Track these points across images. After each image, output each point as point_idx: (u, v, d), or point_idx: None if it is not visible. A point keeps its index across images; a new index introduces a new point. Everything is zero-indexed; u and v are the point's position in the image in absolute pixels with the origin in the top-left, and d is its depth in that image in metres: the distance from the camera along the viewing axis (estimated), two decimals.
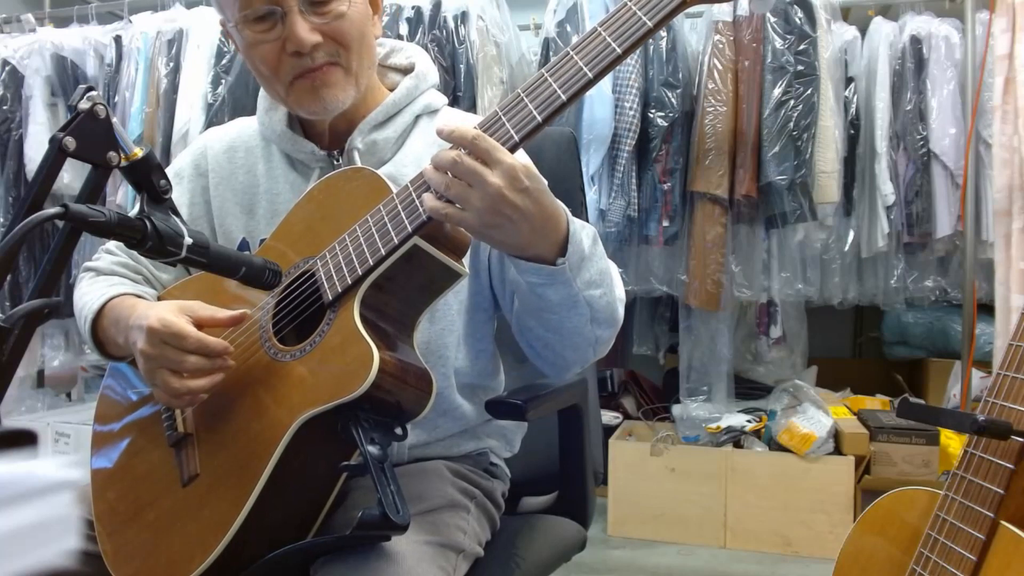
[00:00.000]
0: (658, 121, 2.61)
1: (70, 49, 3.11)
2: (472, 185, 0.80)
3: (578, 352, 0.98)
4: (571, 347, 0.97)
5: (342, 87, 1.02)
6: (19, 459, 0.48)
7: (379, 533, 0.80)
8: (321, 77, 1.00)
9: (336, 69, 1.01)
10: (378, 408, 0.82)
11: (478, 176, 0.79)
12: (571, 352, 0.98)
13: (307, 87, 1.01)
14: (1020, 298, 2.24)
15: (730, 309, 2.78)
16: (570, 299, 0.90)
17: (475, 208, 0.80)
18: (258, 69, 1.03)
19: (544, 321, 0.95)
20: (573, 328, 0.94)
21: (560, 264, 0.86)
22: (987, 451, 1.14)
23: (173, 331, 0.88)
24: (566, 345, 0.97)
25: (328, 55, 1.00)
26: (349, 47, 1.01)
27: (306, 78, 1.00)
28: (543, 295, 0.90)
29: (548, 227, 0.85)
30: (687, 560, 2.56)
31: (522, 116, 0.82)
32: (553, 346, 0.98)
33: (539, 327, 0.96)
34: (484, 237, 0.86)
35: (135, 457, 1.00)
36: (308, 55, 0.98)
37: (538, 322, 0.96)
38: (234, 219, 1.12)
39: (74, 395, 3.65)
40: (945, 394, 2.91)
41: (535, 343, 1.00)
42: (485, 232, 0.83)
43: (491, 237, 0.85)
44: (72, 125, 0.77)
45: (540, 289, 0.89)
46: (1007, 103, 2.32)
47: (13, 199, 3.11)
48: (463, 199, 0.81)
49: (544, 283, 0.88)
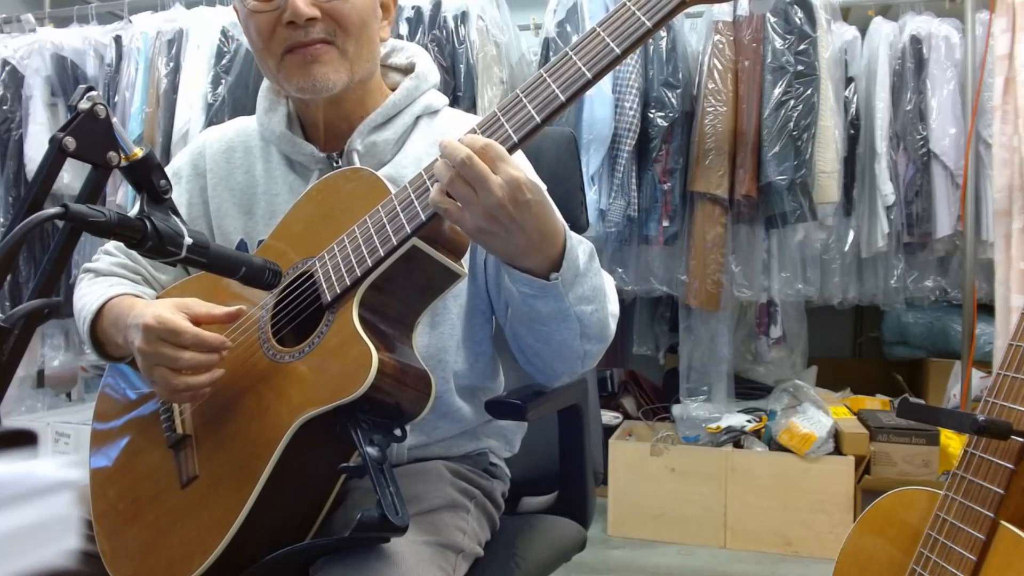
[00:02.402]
0: (658, 121, 2.61)
1: (70, 49, 3.11)
2: (475, 188, 0.80)
3: (566, 364, 0.99)
4: (559, 359, 0.98)
5: (335, 68, 1.01)
6: (19, 459, 0.48)
7: (378, 534, 0.80)
8: (313, 52, 1.00)
9: (330, 48, 1.01)
10: (377, 409, 0.82)
11: (483, 181, 0.79)
12: (559, 364, 0.99)
13: (298, 61, 1.00)
14: (1020, 298, 2.24)
15: (730, 309, 2.78)
16: (560, 313, 0.90)
17: (474, 211, 0.81)
18: (252, 40, 1.04)
19: (534, 331, 0.95)
20: (562, 341, 0.94)
21: (553, 279, 0.87)
22: (987, 451, 1.14)
23: (169, 327, 0.88)
24: (554, 356, 0.98)
25: (324, 32, 1.00)
26: (347, 29, 1.01)
27: (297, 52, 1.00)
28: (533, 306, 0.90)
29: (544, 243, 0.85)
30: (687, 560, 2.56)
31: (521, 117, 0.82)
32: (542, 355, 0.99)
33: (529, 336, 0.97)
34: (478, 241, 0.86)
35: (134, 457, 1.00)
36: (303, 28, 0.98)
37: (528, 331, 0.96)
38: (232, 219, 1.12)
39: (74, 395, 3.65)
40: (945, 394, 2.91)
41: (526, 350, 1.01)
42: (479, 236, 0.84)
43: (485, 242, 0.85)
44: (72, 125, 0.77)
45: (531, 300, 0.90)
46: (1007, 103, 2.32)
47: (13, 199, 3.11)
48: (465, 199, 0.81)
49: (535, 295, 0.89)
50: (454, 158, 0.80)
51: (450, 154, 0.80)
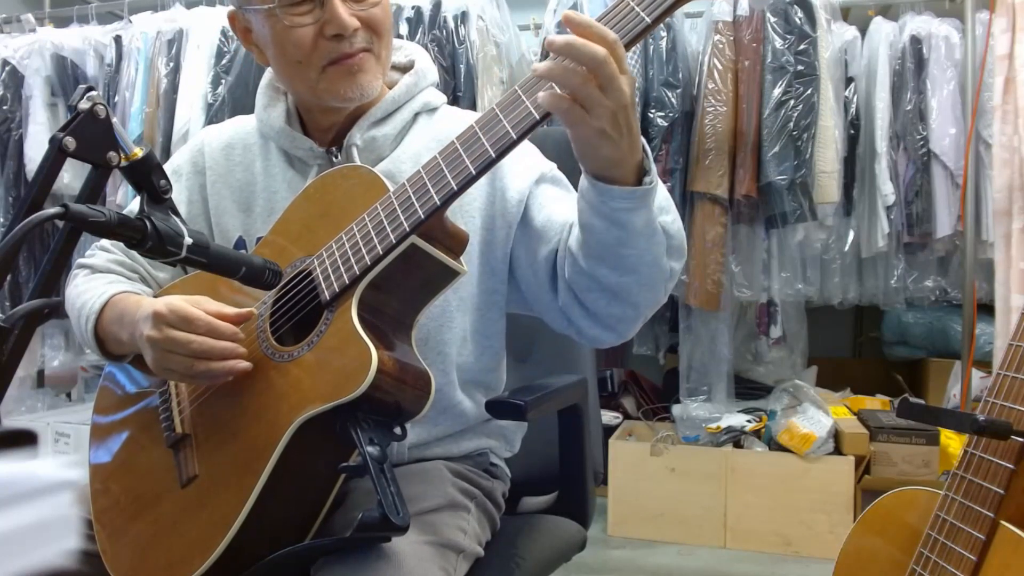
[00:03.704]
0: (658, 121, 2.61)
1: (70, 49, 3.11)
2: (606, 88, 0.76)
3: (653, 291, 0.95)
4: (648, 286, 0.94)
5: (374, 74, 1.03)
6: (19, 459, 0.48)
7: (379, 534, 0.80)
8: (358, 63, 1.01)
9: (370, 56, 1.03)
10: (377, 408, 0.82)
11: (615, 80, 0.75)
12: (647, 292, 0.95)
13: (343, 72, 1.01)
14: (1020, 298, 2.24)
15: (730, 309, 2.78)
16: (650, 226, 0.88)
17: (601, 112, 0.77)
18: (289, 54, 1.02)
19: (622, 260, 0.90)
20: (652, 260, 0.91)
21: (647, 184, 0.84)
22: (987, 451, 1.14)
23: (181, 315, 0.88)
24: (643, 284, 0.93)
25: (365, 41, 1.02)
26: (382, 36, 1.03)
27: (342, 64, 1.01)
28: (628, 223, 0.86)
29: (637, 146, 0.83)
30: (687, 560, 2.56)
31: (519, 113, 0.81)
32: (630, 290, 0.94)
33: (614, 272, 0.92)
34: (591, 147, 0.82)
35: (135, 455, 1.00)
36: (348, 39, 1.00)
37: (614, 265, 0.91)
38: (231, 217, 1.12)
39: (74, 395, 3.66)
40: (945, 394, 2.91)
41: (600, 299, 0.95)
42: (599, 140, 0.79)
43: (600, 147, 0.81)
44: (72, 125, 0.77)
45: (627, 215, 0.85)
46: (1007, 103, 2.32)
47: (13, 199, 3.12)
48: (593, 101, 0.76)
49: (633, 208, 0.85)
50: (592, 57, 0.75)
51: (584, 52, 0.75)
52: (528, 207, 1.05)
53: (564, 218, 1.00)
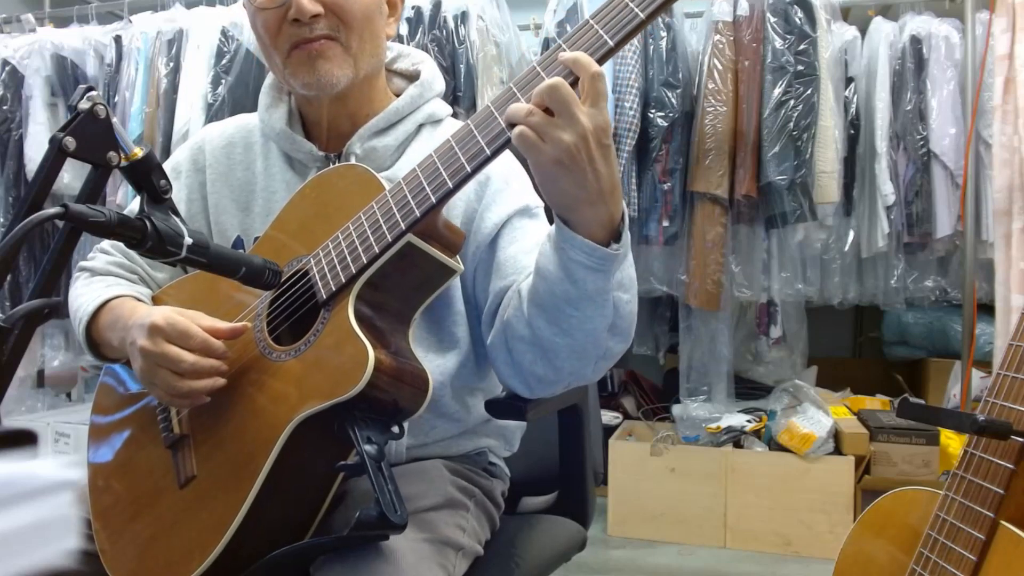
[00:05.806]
0: (658, 121, 2.61)
1: (70, 49, 3.11)
2: (561, 118, 0.76)
3: (582, 361, 0.91)
4: (578, 355, 0.89)
5: (339, 64, 1.01)
6: (19, 459, 0.48)
7: (377, 533, 0.80)
8: (317, 49, 1.00)
9: (334, 44, 1.01)
10: (374, 407, 0.82)
11: (571, 111, 0.75)
12: (575, 361, 0.90)
13: (303, 58, 1.01)
14: (1020, 298, 2.24)
15: (730, 309, 2.78)
16: (601, 295, 0.84)
17: (556, 143, 0.76)
18: (260, 37, 1.04)
19: (560, 319, 0.86)
20: (592, 330, 0.87)
21: (614, 250, 0.81)
22: (987, 451, 1.14)
23: (179, 329, 0.88)
24: (574, 351, 0.89)
25: (328, 28, 1.00)
26: (350, 25, 1.01)
27: (302, 49, 1.00)
28: (582, 281, 0.83)
29: (612, 198, 0.80)
30: (687, 560, 2.56)
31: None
32: (557, 352, 0.89)
33: (549, 328, 0.88)
34: (549, 179, 0.79)
35: (133, 455, 1.00)
36: (307, 25, 0.99)
37: (550, 321, 0.87)
38: (230, 216, 1.12)
39: (74, 395, 3.66)
40: (945, 394, 2.91)
41: (527, 353, 0.92)
42: (555, 170, 0.78)
43: (556, 181, 0.79)
44: (72, 125, 0.77)
45: (582, 272, 0.82)
46: (1007, 103, 2.32)
47: (13, 199, 3.12)
48: (545, 130, 0.76)
49: (590, 266, 0.82)
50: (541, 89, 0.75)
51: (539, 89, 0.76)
52: (500, 235, 1.03)
53: (528, 262, 0.95)
